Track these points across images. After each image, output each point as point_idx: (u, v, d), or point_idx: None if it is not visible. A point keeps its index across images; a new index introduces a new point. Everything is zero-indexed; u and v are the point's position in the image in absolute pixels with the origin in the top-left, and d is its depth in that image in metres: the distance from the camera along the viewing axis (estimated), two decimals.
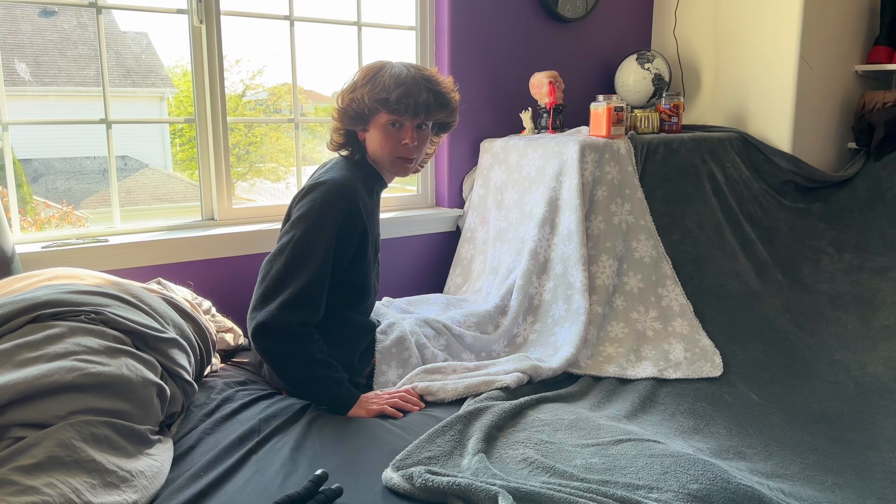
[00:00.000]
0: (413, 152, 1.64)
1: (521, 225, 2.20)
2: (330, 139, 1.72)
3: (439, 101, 1.63)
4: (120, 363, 1.21)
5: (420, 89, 1.58)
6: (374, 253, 1.69)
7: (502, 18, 2.49)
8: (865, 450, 1.56)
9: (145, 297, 1.49)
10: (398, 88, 1.56)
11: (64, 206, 3.16)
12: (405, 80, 1.57)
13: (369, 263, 1.66)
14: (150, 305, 1.46)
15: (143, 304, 1.45)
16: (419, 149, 1.66)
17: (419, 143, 1.64)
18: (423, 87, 1.59)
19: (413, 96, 1.57)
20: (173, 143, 4.02)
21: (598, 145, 2.15)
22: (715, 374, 1.88)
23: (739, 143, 2.52)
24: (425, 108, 1.60)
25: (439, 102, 1.63)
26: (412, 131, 1.61)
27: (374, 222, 1.70)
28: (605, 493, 1.17)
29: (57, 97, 3.33)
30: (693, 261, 2.21)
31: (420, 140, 1.65)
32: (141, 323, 1.33)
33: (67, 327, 1.23)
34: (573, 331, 1.93)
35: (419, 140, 1.64)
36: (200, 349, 1.57)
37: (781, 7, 2.48)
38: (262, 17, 2.19)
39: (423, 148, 1.68)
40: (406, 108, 1.57)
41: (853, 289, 2.31)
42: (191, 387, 1.42)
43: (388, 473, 1.23)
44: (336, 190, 1.54)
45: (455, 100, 1.68)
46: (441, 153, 2.50)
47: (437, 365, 1.73)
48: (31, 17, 3.23)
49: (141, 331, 1.32)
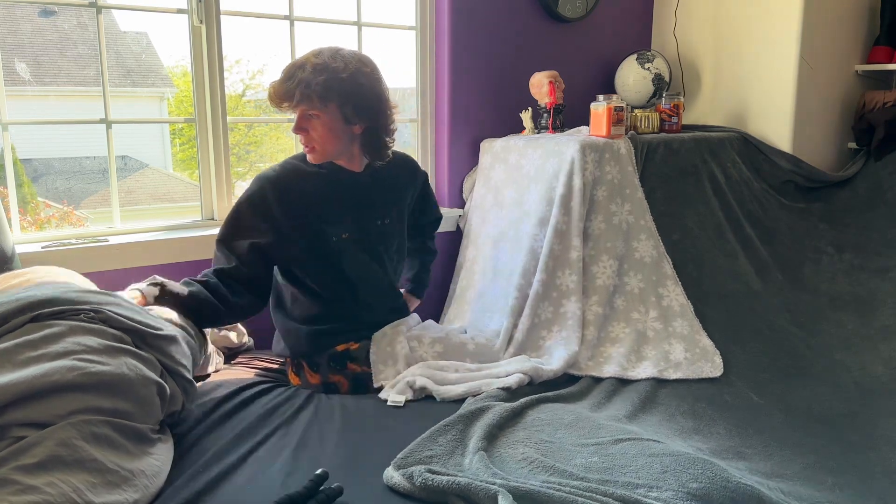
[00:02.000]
0: (306, 140, 1.74)
1: (520, 224, 2.20)
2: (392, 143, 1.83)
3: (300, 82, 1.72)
4: (120, 362, 1.21)
5: (293, 76, 1.69)
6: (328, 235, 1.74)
7: (502, 18, 2.49)
8: (865, 450, 1.56)
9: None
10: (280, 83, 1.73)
11: (64, 206, 3.16)
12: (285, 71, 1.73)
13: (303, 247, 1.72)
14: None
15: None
16: (310, 136, 1.73)
17: (311, 130, 1.72)
18: (295, 74, 1.69)
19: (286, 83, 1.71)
20: (173, 143, 4.02)
21: (599, 145, 2.15)
22: (715, 374, 1.88)
23: (739, 142, 2.52)
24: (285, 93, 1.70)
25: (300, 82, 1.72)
26: (299, 119, 1.72)
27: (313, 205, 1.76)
28: (605, 492, 1.17)
29: (57, 97, 3.33)
30: (693, 261, 2.21)
31: (311, 125, 1.71)
32: (140, 321, 1.33)
33: (67, 326, 1.23)
34: (562, 335, 1.94)
35: (308, 125, 1.72)
36: (201, 346, 1.57)
37: (781, 7, 2.48)
38: (262, 17, 2.19)
39: (322, 135, 1.72)
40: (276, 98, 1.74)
41: (853, 289, 2.31)
42: (191, 385, 1.42)
43: (388, 472, 1.23)
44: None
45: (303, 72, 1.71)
46: (441, 153, 2.51)
47: (439, 363, 1.73)
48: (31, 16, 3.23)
49: (140, 329, 1.32)
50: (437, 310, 2.41)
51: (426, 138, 2.50)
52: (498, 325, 2.02)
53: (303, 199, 1.71)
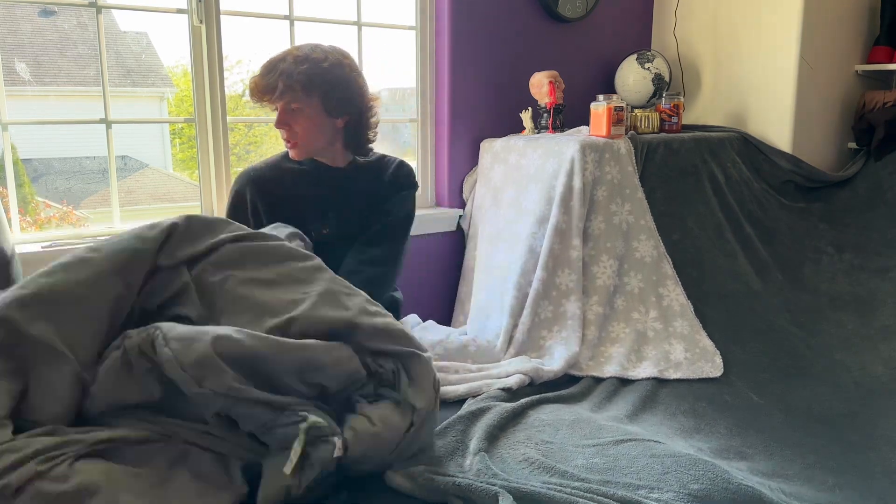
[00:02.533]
0: (287, 136, 1.75)
1: (520, 224, 2.20)
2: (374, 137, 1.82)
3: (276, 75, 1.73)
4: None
5: (270, 71, 1.70)
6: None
7: (502, 18, 2.49)
8: (866, 450, 1.56)
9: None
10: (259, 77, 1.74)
11: (64, 206, 3.16)
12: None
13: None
14: None
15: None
16: (292, 130, 1.73)
17: (291, 123, 1.73)
18: (272, 69, 1.71)
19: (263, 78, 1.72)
20: (173, 142, 4.02)
21: (599, 145, 2.15)
22: (715, 374, 1.88)
23: (739, 142, 2.52)
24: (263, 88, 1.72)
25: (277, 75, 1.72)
26: (280, 113, 1.73)
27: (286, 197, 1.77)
28: (606, 494, 1.17)
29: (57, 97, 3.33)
30: (693, 261, 2.21)
31: (291, 118, 1.72)
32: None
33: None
34: (562, 335, 1.94)
35: (289, 119, 1.73)
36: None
37: (781, 7, 2.48)
38: (262, 17, 2.19)
39: (305, 128, 1.72)
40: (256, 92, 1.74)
41: (853, 289, 2.31)
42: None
43: (389, 473, 1.23)
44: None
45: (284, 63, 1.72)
46: (441, 153, 2.51)
47: (439, 364, 1.73)
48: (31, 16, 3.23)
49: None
50: (440, 312, 2.41)
51: (426, 138, 2.50)
52: (497, 324, 2.02)
53: (282, 194, 1.71)
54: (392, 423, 1.16)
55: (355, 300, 1.24)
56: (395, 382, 1.21)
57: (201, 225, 1.29)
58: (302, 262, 1.30)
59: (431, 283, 2.48)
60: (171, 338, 1.05)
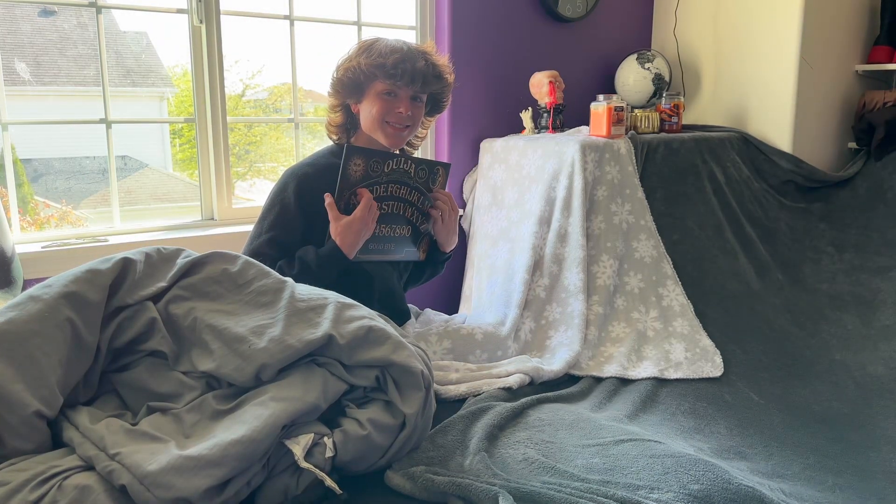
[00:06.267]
0: (405, 120, 1.66)
1: (522, 224, 2.20)
2: (327, 121, 1.74)
3: (434, 72, 1.67)
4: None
5: (416, 58, 1.63)
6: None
7: (502, 18, 2.49)
8: (866, 450, 1.56)
9: None
10: (394, 54, 1.60)
11: (64, 206, 3.16)
12: (401, 49, 1.63)
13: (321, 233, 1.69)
14: None
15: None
16: (413, 119, 1.68)
17: (414, 115, 1.67)
18: (420, 57, 1.64)
19: (410, 62, 1.60)
20: (173, 142, 4.02)
21: (599, 145, 2.15)
22: (715, 374, 1.88)
23: (740, 142, 2.52)
24: (422, 76, 1.63)
25: (434, 73, 1.67)
26: (407, 101, 1.64)
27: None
28: (606, 494, 1.17)
29: (57, 97, 3.33)
30: (693, 261, 2.21)
31: (415, 112, 1.67)
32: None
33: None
34: (568, 335, 1.94)
35: (413, 111, 1.67)
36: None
37: (781, 7, 2.48)
38: (262, 17, 2.19)
39: (417, 122, 1.70)
40: (403, 74, 1.60)
41: (853, 289, 2.31)
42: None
43: (389, 473, 1.23)
44: (285, 173, 1.70)
45: (450, 75, 1.72)
46: (441, 153, 2.50)
47: (440, 363, 1.73)
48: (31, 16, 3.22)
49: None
50: (443, 311, 2.41)
51: (426, 138, 2.49)
52: (502, 314, 2.01)
53: (326, 189, 1.69)
54: (382, 424, 1.18)
55: (324, 312, 1.23)
56: (382, 387, 1.21)
57: (159, 258, 1.30)
58: (262, 280, 1.29)
59: (431, 282, 2.48)
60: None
